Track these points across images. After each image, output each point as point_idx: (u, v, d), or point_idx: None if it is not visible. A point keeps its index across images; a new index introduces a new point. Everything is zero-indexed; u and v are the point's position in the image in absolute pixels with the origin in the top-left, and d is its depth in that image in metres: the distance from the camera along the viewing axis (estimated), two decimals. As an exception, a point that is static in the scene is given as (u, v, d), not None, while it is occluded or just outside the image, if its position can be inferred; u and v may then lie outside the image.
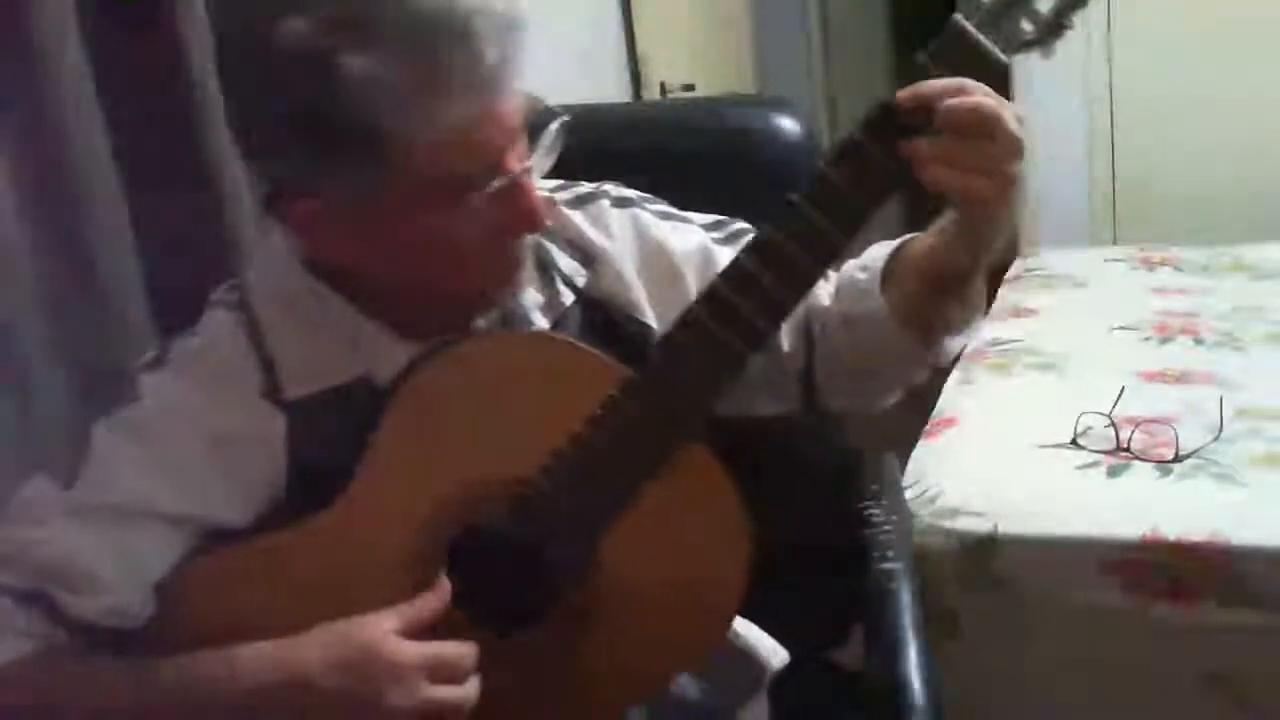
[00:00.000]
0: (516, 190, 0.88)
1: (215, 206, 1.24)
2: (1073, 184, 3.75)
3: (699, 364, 0.89)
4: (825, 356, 1.05)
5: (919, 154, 0.83)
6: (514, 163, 0.88)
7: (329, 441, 0.93)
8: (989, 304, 2.76)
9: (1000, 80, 0.84)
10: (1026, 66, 3.69)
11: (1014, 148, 0.83)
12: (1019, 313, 2.67)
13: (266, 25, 0.81)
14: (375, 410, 0.92)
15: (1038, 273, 2.98)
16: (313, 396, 0.94)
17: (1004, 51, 0.84)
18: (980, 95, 0.82)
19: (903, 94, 0.83)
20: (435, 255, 0.89)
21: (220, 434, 0.92)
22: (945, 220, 0.92)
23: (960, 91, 0.82)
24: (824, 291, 1.05)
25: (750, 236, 0.95)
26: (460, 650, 0.86)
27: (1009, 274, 3.06)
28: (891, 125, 0.84)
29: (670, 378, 0.89)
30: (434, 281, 0.92)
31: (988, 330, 2.56)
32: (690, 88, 2.86)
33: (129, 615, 0.89)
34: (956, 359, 2.39)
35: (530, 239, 0.95)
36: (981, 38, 0.83)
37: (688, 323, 0.89)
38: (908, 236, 0.99)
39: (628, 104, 2.58)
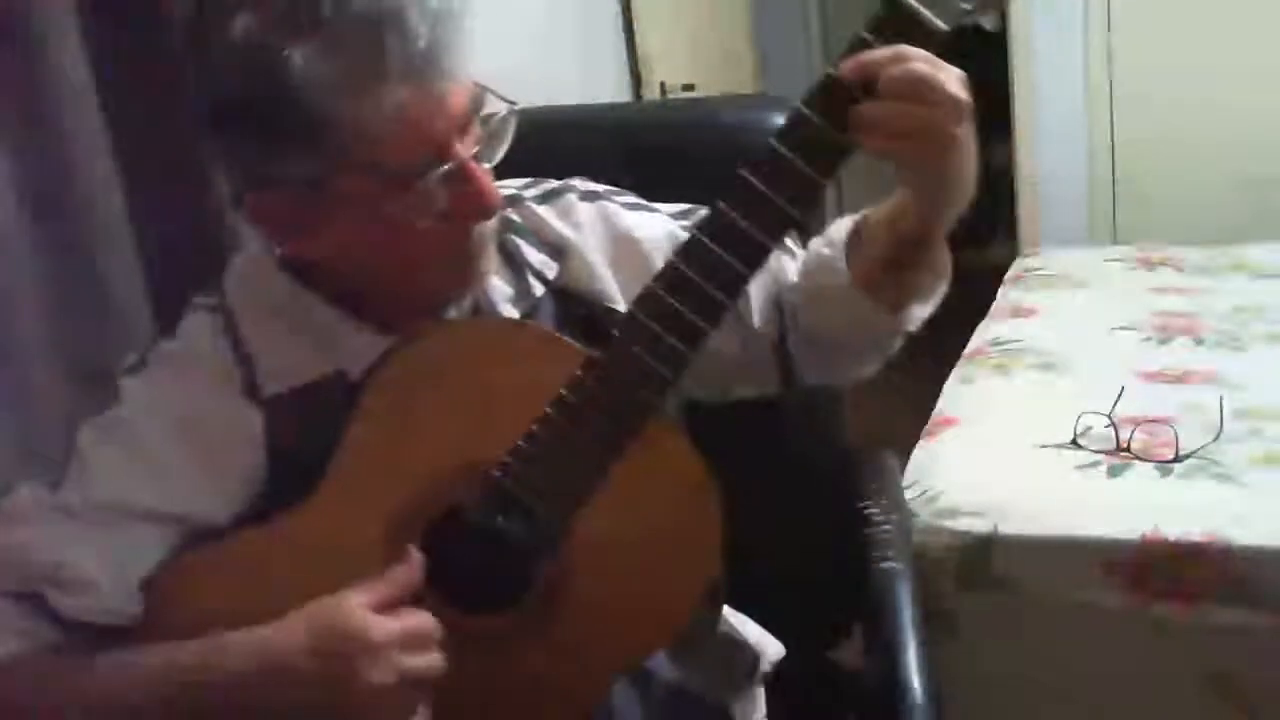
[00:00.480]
0: (465, 176, 0.89)
1: (215, 206, 1.24)
2: (1073, 184, 3.75)
3: (659, 340, 0.90)
4: (797, 332, 1.06)
5: (862, 121, 0.84)
6: (461, 150, 0.89)
7: (307, 436, 0.94)
8: (989, 304, 2.78)
9: (940, 49, 0.85)
10: (1027, 67, 3.70)
11: (956, 110, 0.84)
12: (1019, 313, 2.67)
13: (215, 25, 0.84)
14: (350, 404, 0.93)
15: (1038, 273, 2.99)
16: (290, 393, 0.96)
17: (943, 21, 0.85)
18: (918, 61, 0.83)
19: (844, 65, 0.85)
20: (391, 245, 0.91)
21: (200, 432, 0.94)
22: (901, 188, 0.93)
23: (899, 58, 0.84)
24: (792, 268, 1.07)
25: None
26: (425, 619, 0.88)
27: (1009, 274, 3.06)
28: (836, 97, 0.85)
29: (632, 355, 0.90)
30: (394, 272, 0.94)
31: (988, 330, 2.57)
32: (690, 88, 2.86)
33: (117, 614, 0.91)
34: (956, 360, 2.39)
35: (492, 230, 0.97)
36: (919, 7, 0.84)
37: (646, 300, 0.91)
38: (870, 209, 1.00)
39: (628, 104, 2.58)
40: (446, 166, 0.88)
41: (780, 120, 0.86)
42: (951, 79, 0.83)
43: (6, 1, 1.07)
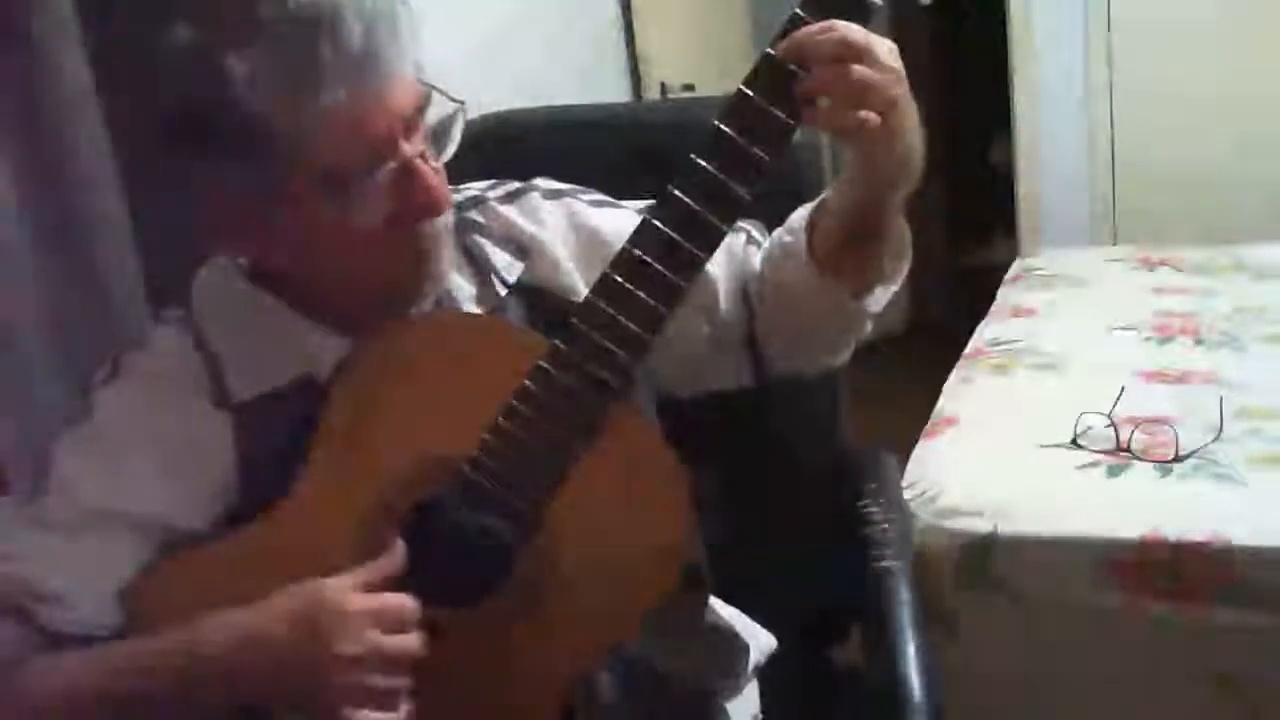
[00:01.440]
0: (411, 174, 0.90)
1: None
2: (1073, 184, 3.75)
3: (616, 325, 0.90)
4: (765, 321, 1.07)
5: (801, 93, 0.87)
6: (407, 149, 0.90)
7: (277, 441, 0.95)
8: (989, 304, 2.78)
9: (869, 21, 0.88)
10: (1027, 67, 3.71)
11: (889, 74, 0.86)
12: (1019, 313, 2.66)
13: (152, 32, 0.84)
14: (318, 407, 0.94)
15: (1038, 273, 2.98)
16: (259, 399, 0.97)
17: None
18: (846, 30, 0.86)
19: (780, 45, 0.87)
20: (342, 246, 0.91)
21: (172, 441, 0.95)
22: (849, 164, 0.95)
23: (829, 29, 0.86)
24: (757, 258, 1.08)
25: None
26: (402, 600, 0.88)
27: (1009, 274, 3.06)
28: (774, 76, 0.88)
29: (591, 342, 0.91)
30: (349, 273, 0.94)
31: (988, 330, 2.57)
32: (690, 88, 2.86)
33: (92, 625, 0.91)
34: (956, 360, 2.39)
35: (445, 227, 0.97)
36: None
37: (602, 286, 0.91)
38: (826, 193, 1.02)
39: (628, 104, 2.58)
40: (390, 165, 0.88)
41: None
42: (883, 47, 0.86)
43: (6, 2, 1.07)
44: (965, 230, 4.61)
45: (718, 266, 1.06)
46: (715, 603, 1.15)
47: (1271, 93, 3.44)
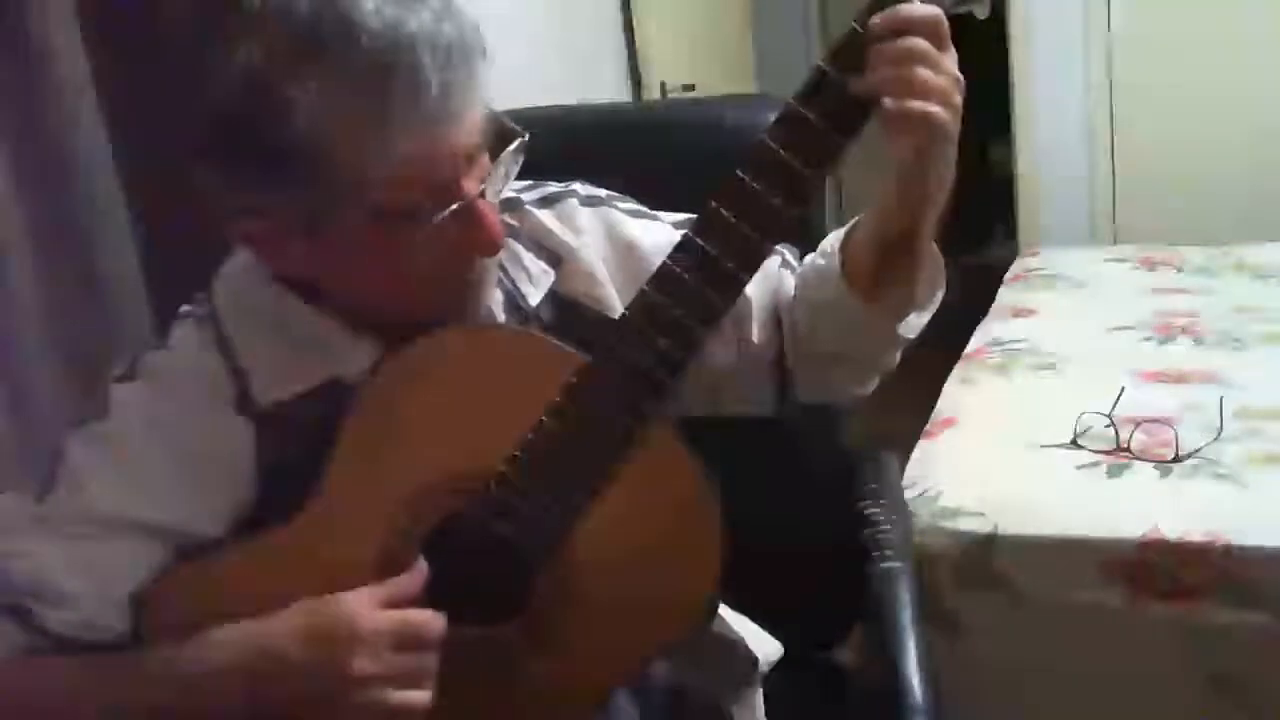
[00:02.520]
0: (472, 214, 0.87)
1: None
2: (1073, 184, 3.75)
3: (654, 345, 0.88)
4: (795, 345, 1.05)
5: (860, 92, 0.84)
6: (469, 187, 0.87)
7: (302, 446, 0.93)
8: (989, 304, 2.78)
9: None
10: (1027, 67, 3.71)
11: (951, 80, 0.84)
12: (1019, 313, 2.67)
13: (217, 48, 0.82)
14: (343, 411, 0.92)
15: (1038, 273, 2.99)
16: (284, 403, 0.95)
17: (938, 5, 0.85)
18: (913, 42, 0.83)
19: (834, 57, 0.84)
20: (391, 277, 0.90)
21: (189, 446, 0.93)
22: (886, 185, 0.93)
23: (903, 25, 0.83)
24: (790, 282, 1.06)
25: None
26: (425, 617, 0.87)
27: (1009, 274, 3.07)
28: (829, 91, 0.85)
29: (627, 361, 0.89)
30: (389, 300, 0.92)
31: (988, 330, 2.57)
32: (690, 88, 2.86)
33: (101, 629, 0.90)
34: (956, 360, 2.39)
35: (495, 261, 0.95)
36: None
37: (640, 304, 0.89)
38: (860, 216, 1.00)
39: (628, 104, 2.58)
40: (452, 208, 0.86)
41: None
42: (946, 57, 0.84)
43: (7, 3, 1.07)
44: (965, 230, 4.61)
45: (751, 286, 1.00)
46: (723, 610, 1.14)
47: (1272, 92, 3.44)
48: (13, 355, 1.09)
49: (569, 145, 1.30)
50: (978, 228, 4.60)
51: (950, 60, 0.84)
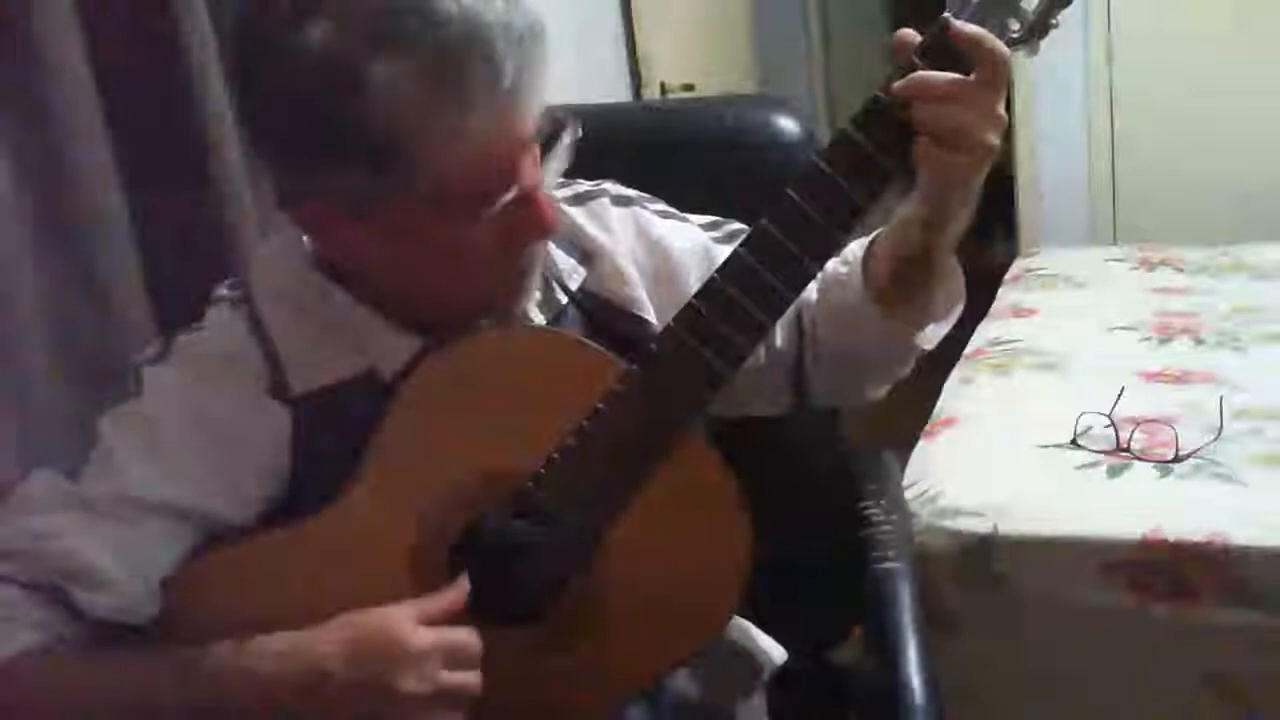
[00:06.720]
0: (529, 200, 0.88)
1: (215, 206, 1.24)
2: (1073, 184, 3.75)
3: (699, 358, 0.89)
4: (814, 350, 1.06)
5: (899, 123, 0.85)
6: (528, 174, 0.88)
7: (335, 436, 0.93)
8: (989, 304, 2.78)
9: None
10: (1028, 67, 3.70)
11: (989, 120, 0.86)
12: (1019, 313, 2.67)
13: (293, 30, 0.81)
14: (381, 405, 0.92)
15: (1038, 273, 2.99)
16: (319, 392, 0.94)
17: None
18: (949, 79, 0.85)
19: (899, 85, 0.85)
20: (446, 263, 0.90)
21: (222, 431, 0.92)
22: (912, 199, 0.93)
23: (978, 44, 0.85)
24: (812, 287, 1.06)
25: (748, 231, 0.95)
26: (469, 636, 0.87)
27: (1009, 274, 3.07)
28: (885, 119, 0.86)
29: (670, 371, 0.90)
30: (440, 286, 0.92)
31: (988, 330, 2.57)
32: (690, 88, 2.86)
33: (134, 612, 0.89)
34: (956, 360, 2.39)
35: (544, 247, 0.96)
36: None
37: (688, 316, 0.90)
38: (881, 228, 1.01)
39: (628, 104, 2.58)
40: (511, 194, 0.86)
41: (783, 122, 0.86)
42: (992, 96, 0.85)
43: (7, 3, 1.07)
44: (965, 230, 4.61)
45: None
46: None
47: (1272, 92, 3.44)
48: (13, 355, 1.09)
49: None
50: (978, 228, 4.60)
51: (991, 98, 0.85)
